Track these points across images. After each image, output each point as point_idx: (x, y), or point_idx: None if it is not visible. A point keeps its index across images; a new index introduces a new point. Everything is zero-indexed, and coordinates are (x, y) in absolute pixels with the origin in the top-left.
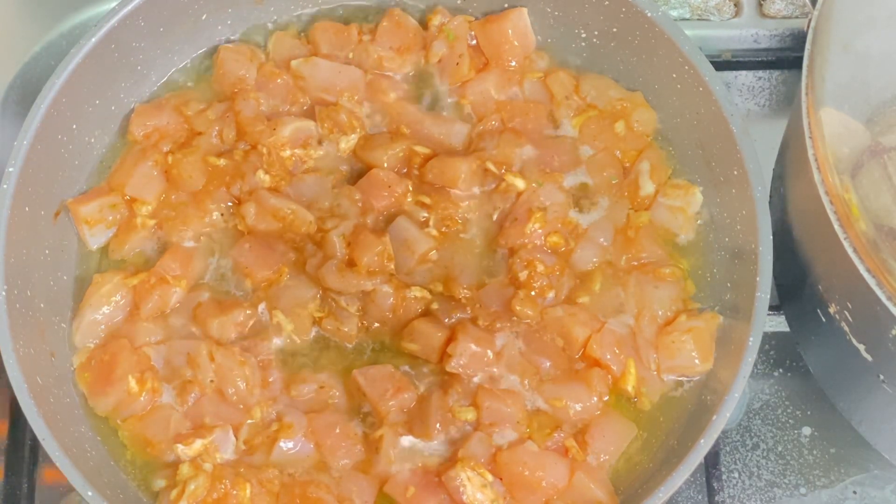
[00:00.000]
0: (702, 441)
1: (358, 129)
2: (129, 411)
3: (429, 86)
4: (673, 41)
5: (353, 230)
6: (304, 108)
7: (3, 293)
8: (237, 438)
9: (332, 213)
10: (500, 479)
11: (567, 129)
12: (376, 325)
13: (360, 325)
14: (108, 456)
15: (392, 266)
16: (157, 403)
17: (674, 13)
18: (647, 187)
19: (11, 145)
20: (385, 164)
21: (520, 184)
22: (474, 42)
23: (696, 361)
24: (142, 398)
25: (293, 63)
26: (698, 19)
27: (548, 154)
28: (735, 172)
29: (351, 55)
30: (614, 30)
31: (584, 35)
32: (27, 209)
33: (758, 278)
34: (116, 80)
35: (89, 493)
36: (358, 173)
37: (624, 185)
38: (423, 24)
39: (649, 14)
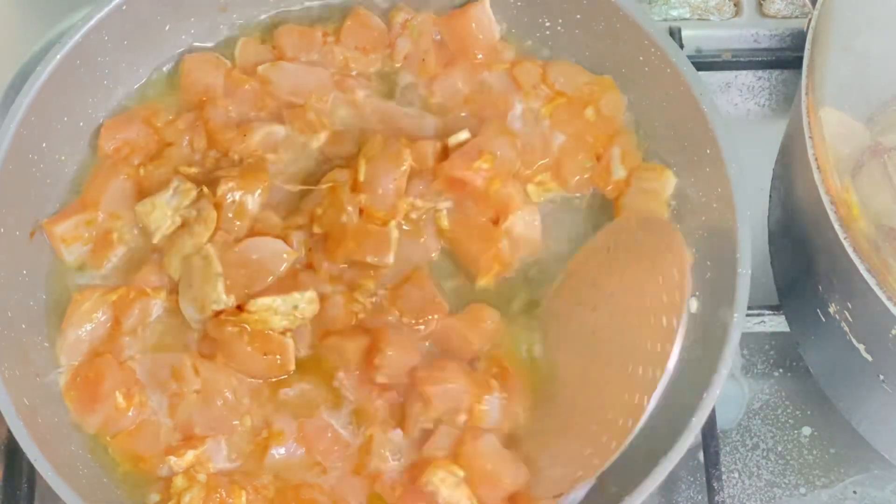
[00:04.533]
0: (693, 420)
1: (328, 127)
2: (118, 427)
3: (396, 83)
4: (638, 24)
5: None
6: (273, 112)
7: None
8: (228, 447)
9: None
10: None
11: (537, 117)
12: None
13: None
14: (101, 473)
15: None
16: (146, 418)
17: (674, 13)
18: (619, 172)
19: None
20: None
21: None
22: (439, 37)
23: None
24: (130, 413)
25: (260, 68)
26: (698, 19)
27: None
28: (708, 151)
29: (316, 57)
30: (578, 17)
31: (548, 24)
32: (2, 230)
33: (738, 255)
34: (83, 95)
35: None
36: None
37: (596, 172)
38: (386, 21)
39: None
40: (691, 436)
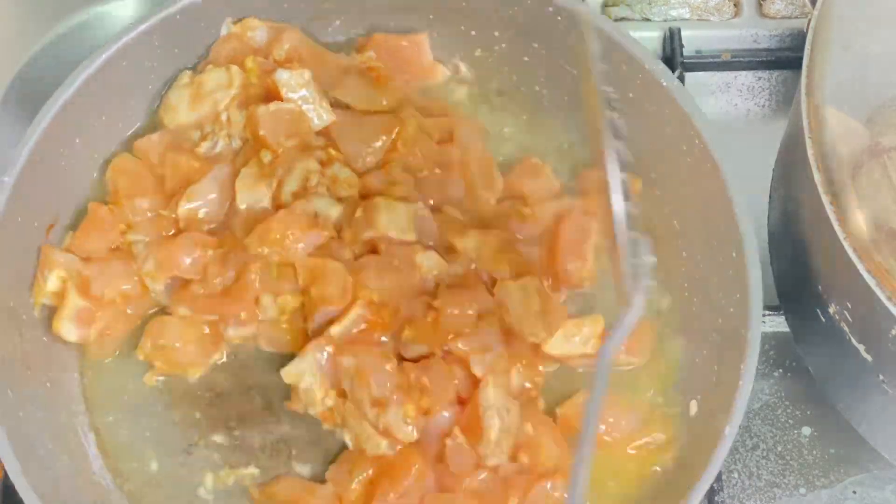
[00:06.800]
0: None
1: None
2: None
3: None
4: (688, 116)
5: None
6: None
7: None
8: None
9: None
10: None
11: None
12: None
13: None
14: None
15: None
16: None
17: (673, 13)
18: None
19: (9, 147)
20: None
21: None
22: None
23: None
24: None
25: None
26: (698, 19)
27: None
28: (734, 255)
29: None
30: (630, 95)
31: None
32: (20, 220)
33: (742, 365)
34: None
35: None
36: None
37: None
38: None
39: (664, 83)
40: None
